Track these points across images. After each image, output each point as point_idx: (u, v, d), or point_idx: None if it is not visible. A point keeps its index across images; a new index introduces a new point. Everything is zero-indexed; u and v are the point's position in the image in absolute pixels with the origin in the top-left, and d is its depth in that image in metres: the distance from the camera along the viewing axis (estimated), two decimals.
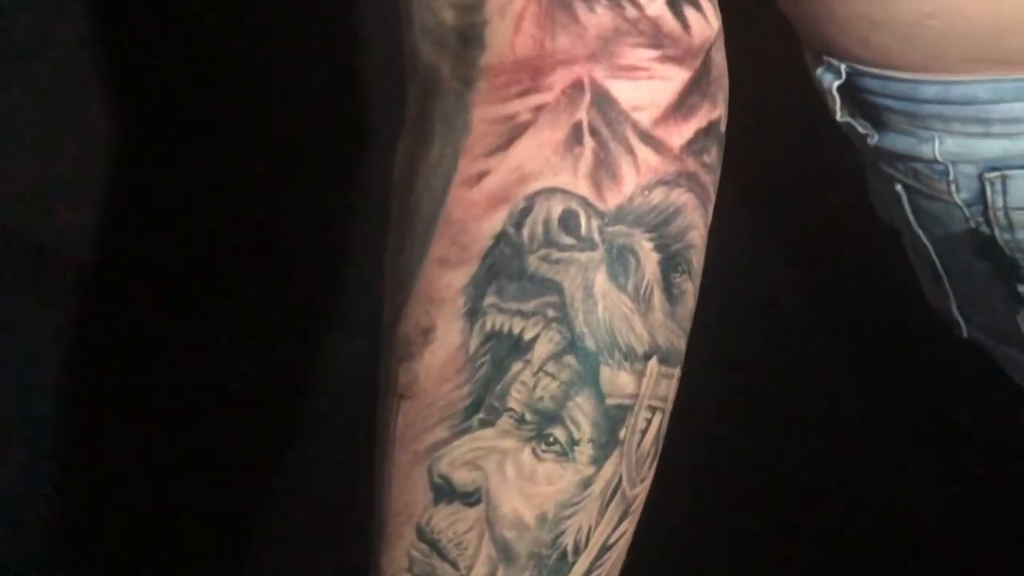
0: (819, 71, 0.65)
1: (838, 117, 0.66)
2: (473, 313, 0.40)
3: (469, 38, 0.40)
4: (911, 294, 0.75)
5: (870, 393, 0.98)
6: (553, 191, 0.40)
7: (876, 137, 0.66)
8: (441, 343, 0.40)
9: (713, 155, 0.42)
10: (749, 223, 0.95)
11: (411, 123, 0.43)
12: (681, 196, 0.41)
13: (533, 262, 0.40)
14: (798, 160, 0.90)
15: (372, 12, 0.86)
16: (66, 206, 0.86)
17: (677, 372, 0.42)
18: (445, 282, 0.40)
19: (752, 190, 0.92)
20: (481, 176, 0.40)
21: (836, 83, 0.65)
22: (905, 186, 0.67)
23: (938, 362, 0.84)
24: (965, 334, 0.73)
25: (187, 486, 0.91)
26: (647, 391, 0.41)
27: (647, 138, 0.40)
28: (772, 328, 0.96)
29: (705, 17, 0.41)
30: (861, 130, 0.66)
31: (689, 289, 0.42)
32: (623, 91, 0.40)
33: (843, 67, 0.64)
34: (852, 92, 0.65)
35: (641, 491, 0.42)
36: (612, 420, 0.40)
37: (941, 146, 0.63)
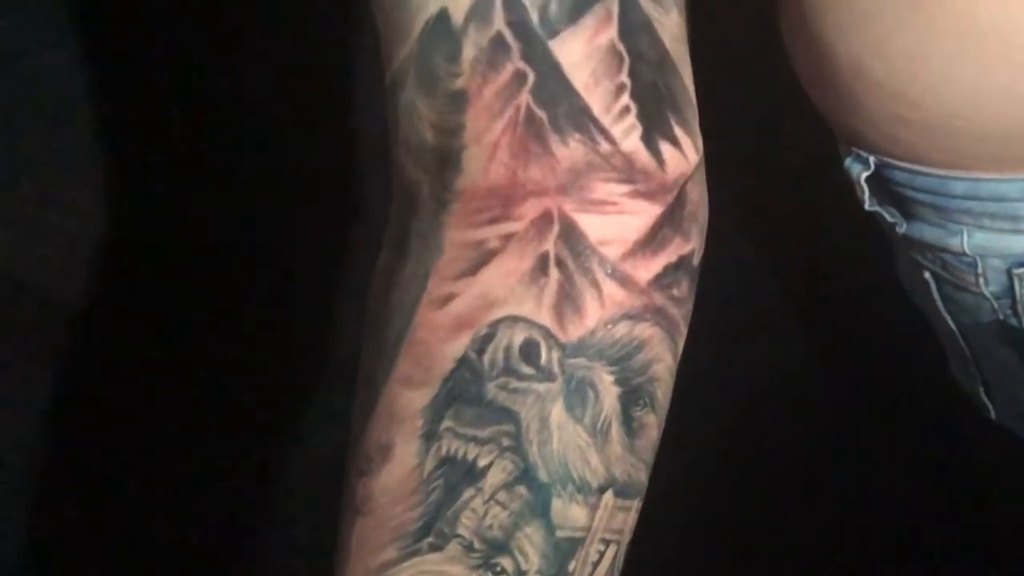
0: (848, 160, 0.65)
1: (867, 206, 0.66)
2: (430, 436, 0.40)
3: (447, 160, 0.41)
4: (936, 370, 0.75)
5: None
6: (516, 320, 0.40)
7: (905, 226, 0.65)
8: (397, 463, 0.41)
9: (684, 288, 0.42)
10: (776, 296, 0.94)
11: (391, 236, 0.43)
12: (646, 330, 0.41)
13: (491, 389, 0.40)
14: (827, 238, 0.89)
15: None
16: (61, 252, 0.88)
17: (636, 504, 0.42)
18: (406, 402, 0.41)
19: (780, 266, 0.91)
20: (448, 299, 0.40)
21: (865, 174, 0.64)
22: (934, 274, 0.67)
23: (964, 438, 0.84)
24: (994, 416, 0.73)
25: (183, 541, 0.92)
26: (600, 524, 0.41)
27: (613, 272, 0.40)
28: (795, 400, 0.96)
29: (682, 152, 0.41)
30: (890, 219, 0.66)
31: (651, 422, 0.42)
32: (591, 225, 0.40)
33: (872, 159, 0.63)
34: (881, 182, 0.64)
35: None
36: (562, 552, 0.40)
37: (970, 240, 0.63)
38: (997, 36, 0.54)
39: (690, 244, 0.42)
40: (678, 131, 0.41)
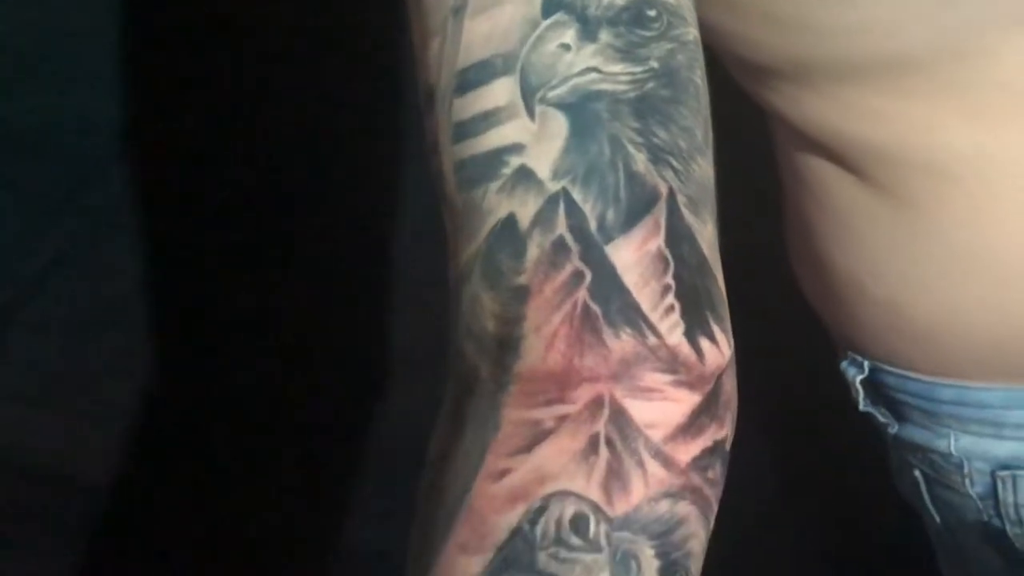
0: (844, 364, 0.70)
1: (861, 407, 0.70)
2: None
3: (507, 347, 0.45)
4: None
5: None
6: (567, 494, 0.44)
7: (896, 427, 0.70)
8: None
9: (717, 471, 0.46)
10: (780, 495, 0.98)
11: (448, 413, 0.47)
12: (684, 508, 0.45)
13: (543, 558, 0.43)
14: (824, 438, 0.93)
15: None
16: (77, 432, 0.91)
17: None
18: (462, 567, 0.44)
19: (782, 465, 0.95)
20: (504, 473, 0.44)
21: (859, 377, 0.69)
22: (923, 473, 0.71)
23: None
24: None
25: None
26: None
27: (657, 453, 0.44)
28: None
29: (718, 347, 0.46)
30: (882, 419, 0.70)
31: None
32: (638, 410, 0.44)
33: (866, 363, 0.68)
34: (874, 386, 0.69)
35: None
36: None
37: (957, 443, 0.67)
38: (979, 257, 0.59)
39: (724, 430, 0.46)
40: (715, 328, 0.46)
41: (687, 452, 0.45)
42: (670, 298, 0.45)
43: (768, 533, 0.93)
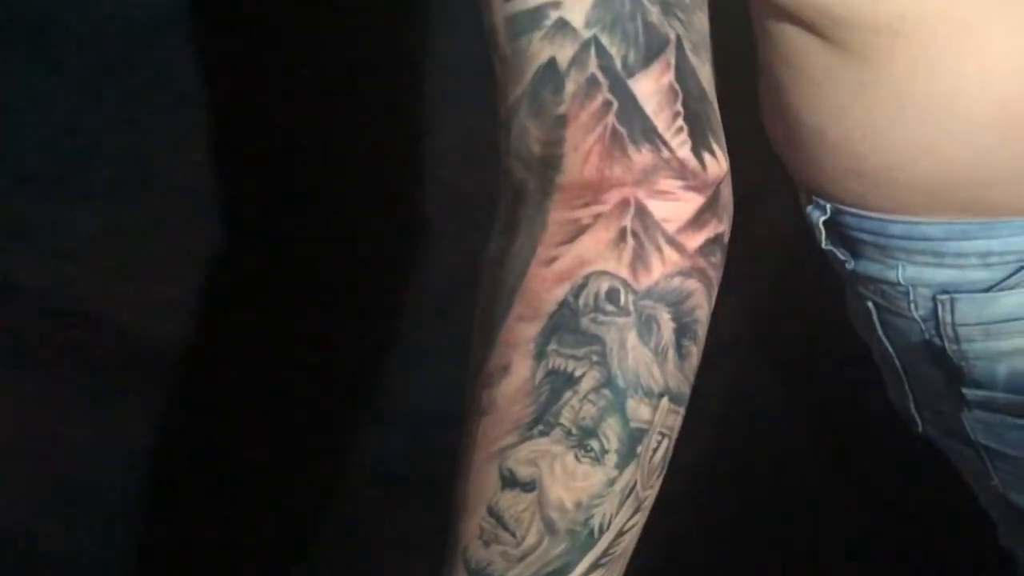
0: (808, 208, 0.82)
1: (823, 245, 0.82)
2: (539, 355, 0.56)
3: (550, 164, 0.57)
4: (876, 392, 0.90)
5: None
6: (602, 274, 0.56)
7: (852, 263, 0.82)
8: (515, 376, 0.56)
9: (718, 257, 0.58)
10: (745, 331, 1.08)
11: (502, 222, 0.59)
12: (693, 284, 0.57)
13: (585, 322, 0.56)
14: (789, 282, 1.04)
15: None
16: (152, 292, 0.98)
17: (682, 411, 0.58)
18: (521, 332, 0.56)
19: (749, 305, 1.05)
20: (552, 260, 0.56)
21: (822, 218, 0.81)
22: (875, 304, 0.83)
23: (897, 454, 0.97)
24: (920, 429, 0.88)
25: None
26: (659, 421, 0.56)
27: (671, 241, 0.56)
28: (758, 416, 1.09)
29: (717, 161, 0.58)
30: (841, 256, 0.82)
31: (694, 351, 0.58)
32: (656, 208, 0.56)
33: (828, 206, 0.80)
34: (834, 226, 0.81)
35: (650, 494, 0.57)
36: (633, 438, 0.56)
37: (904, 272, 0.79)
38: (921, 105, 0.71)
39: (723, 226, 0.58)
40: (714, 146, 0.58)
41: (694, 240, 0.57)
42: (680, 121, 0.57)
43: (730, 361, 1.03)
